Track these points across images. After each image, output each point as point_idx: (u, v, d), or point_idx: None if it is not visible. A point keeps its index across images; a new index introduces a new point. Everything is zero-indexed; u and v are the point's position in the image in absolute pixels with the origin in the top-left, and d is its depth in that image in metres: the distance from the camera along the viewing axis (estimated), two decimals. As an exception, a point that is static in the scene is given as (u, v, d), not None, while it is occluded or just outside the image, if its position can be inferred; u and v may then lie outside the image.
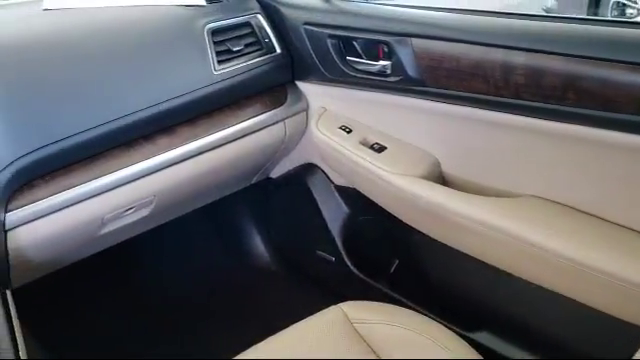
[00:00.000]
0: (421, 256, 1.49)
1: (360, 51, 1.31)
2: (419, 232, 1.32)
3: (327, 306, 1.08)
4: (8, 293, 1.06)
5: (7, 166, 1.00)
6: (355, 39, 1.29)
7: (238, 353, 1.00)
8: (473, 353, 0.99)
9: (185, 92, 1.24)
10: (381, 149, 1.32)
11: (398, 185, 1.24)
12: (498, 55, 1.04)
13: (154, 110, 1.18)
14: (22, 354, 1.03)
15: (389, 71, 1.24)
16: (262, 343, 1.01)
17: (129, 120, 1.15)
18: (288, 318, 1.06)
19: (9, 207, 1.03)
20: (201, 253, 1.89)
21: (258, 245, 1.85)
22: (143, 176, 1.20)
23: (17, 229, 1.04)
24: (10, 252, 1.05)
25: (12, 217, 1.03)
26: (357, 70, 1.31)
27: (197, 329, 1.63)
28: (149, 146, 1.22)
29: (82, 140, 1.10)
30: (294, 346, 1.00)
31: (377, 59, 1.26)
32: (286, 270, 1.81)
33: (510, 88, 1.05)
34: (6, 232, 1.02)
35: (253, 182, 1.67)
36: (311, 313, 1.07)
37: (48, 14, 1.23)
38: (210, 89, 1.28)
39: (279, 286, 1.78)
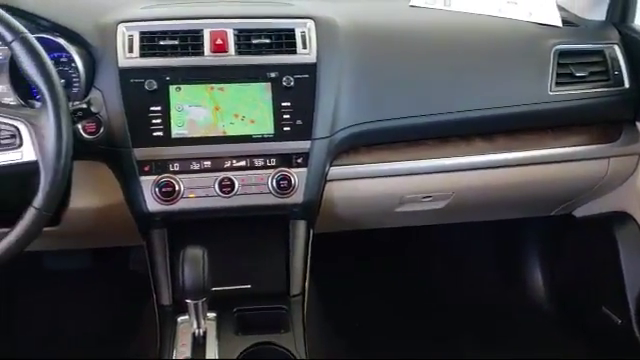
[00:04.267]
0: None
1: None
2: None
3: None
4: (311, 233, 1.26)
5: (345, 128, 1.17)
6: None
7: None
8: None
9: (515, 104, 1.26)
10: None
11: None
12: None
13: (480, 114, 1.24)
14: (306, 285, 1.23)
15: None
16: None
17: (454, 117, 1.23)
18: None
19: (334, 162, 1.20)
20: (477, 266, 1.89)
21: (537, 279, 1.76)
22: (449, 171, 1.27)
23: (334, 182, 1.22)
24: (323, 200, 1.23)
25: (334, 171, 1.21)
26: None
27: (444, 335, 1.65)
28: (463, 146, 1.28)
29: (408, 124, 1.22)
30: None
31: None
32: (560, 314, 1.69)
33: None
34: (326, 182, 1.20)
35: (552, 214, 1.60)
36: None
37: (413, 10, 1.38)
38: (541, 107, 1.27)
39: (547, 326, 1.67)
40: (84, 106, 1.05)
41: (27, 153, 0.88)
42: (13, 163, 0.88)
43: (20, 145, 0.88)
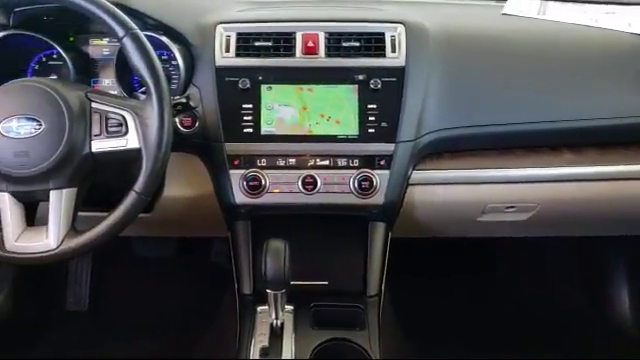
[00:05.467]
0: None
1: None
2: None
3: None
4: (389, 236, 1.26)
5: (430, 132, 1.17)
6: None
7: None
8: None
9: (608, 117, 1.21)
10: None
11: None
12: None
13: (571, 125, 1.20)
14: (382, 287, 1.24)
15: None
16: None
17: (544, 127, 1.20)
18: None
19: (417, 166, 1.21)
20: (558, 283, 1.82)
21: (624, 302, 1.68)
22: (536, 181, 1.23)
23: (416, 186, 1.22)
24: (404, 203, 1.23)
25: (416, 175, 1.21)
26: None
27: (517, 349, 1.61)
28: (551, 157, 1.24)
29: (495, 132, 1.20)
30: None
31: None
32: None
33: None
34: (408, 185, 1.21)
35: None
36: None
37: (505, 18, 1.36)
38: (636, 121, 1.21)
39: (631, 352, 1.58)
40: (184, 100, 1.11)
41: (131, 141, 0.95)
42: (119, 149, 0.95)
43: (126, 133, 0.95)
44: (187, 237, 1.71)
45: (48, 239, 0.94)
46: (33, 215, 1.00)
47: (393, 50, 1.17)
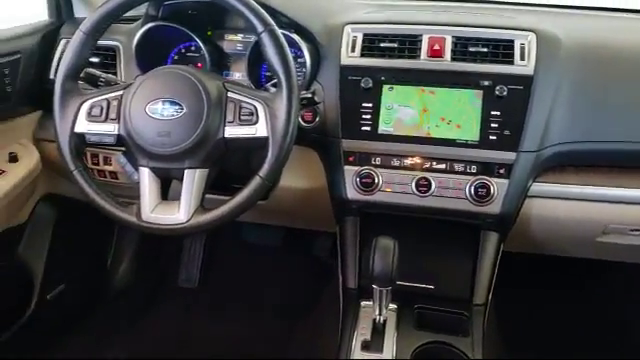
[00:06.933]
0: None
1: None
2: None
3: None
4: (501, 247, 1.23)
5: (555, 144, 1.14)
6: None
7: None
8: None
9: None
10: None
11: None
12: None
13: None
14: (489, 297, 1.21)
15: None
16: None
17: None
18: None
19: (537, 178, 1.17)
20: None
21: None
22: None
23: (534, 199, 1.19)
24: (520, 215, 1.20)
25: (536, 187, 1.17)
26: None
27: None
28: None
29: (624, 149, 1.15)
30: None
31: None
32: None
33: None
34: (526, 197, 1.17)
35: None
36: None
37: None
38: None
39: None
40: (309, 96, 1.15)
41: (260, 129, 1.00)
42: (248, 137, 1.01)
43: (256, 122, 1.00)
44: (295, 229, 1.77)
45: (179, 213, 1.00)
46: (166, 191, 1.08)
47: (522, 58, 1.15)
